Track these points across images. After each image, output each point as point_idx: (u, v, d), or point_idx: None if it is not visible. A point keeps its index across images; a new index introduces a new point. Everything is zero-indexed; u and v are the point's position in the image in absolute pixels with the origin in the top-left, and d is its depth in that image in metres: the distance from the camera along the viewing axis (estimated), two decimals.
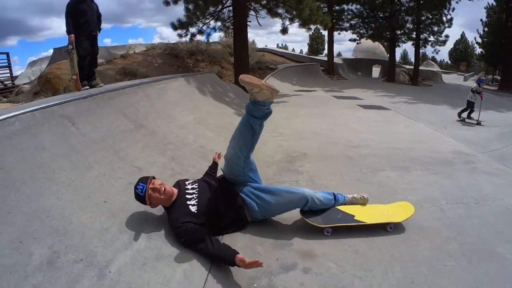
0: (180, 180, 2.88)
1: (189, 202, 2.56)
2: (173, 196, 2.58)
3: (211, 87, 8.36)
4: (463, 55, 58.25)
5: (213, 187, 2.78)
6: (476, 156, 4.82)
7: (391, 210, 2.84)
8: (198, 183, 2.79)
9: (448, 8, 23.67)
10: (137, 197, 2.51)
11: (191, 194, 2.63)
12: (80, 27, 5.80)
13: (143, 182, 2.50)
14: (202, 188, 2.72)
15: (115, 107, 4.14)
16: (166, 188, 2.52)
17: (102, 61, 12.35)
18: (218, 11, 12.84)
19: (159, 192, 2.47)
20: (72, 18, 5.71)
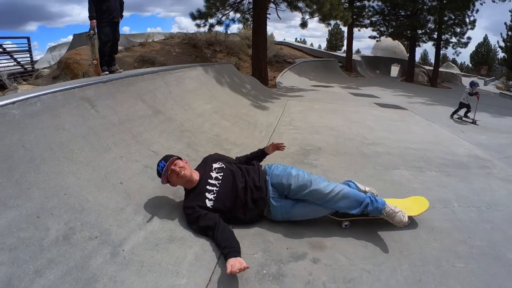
0: (209, 159, 2.85)
1: (208, 194, 2.50)
2: (193, 181, 2.54)
3: (228, 77, 8.40)
4: (484, 59, 56.82)
5: (239, 184, 2.57)
6: (492, 162, 4.74)
7: (406, 204, 2.86)
8: (224, 173, 2.64)
9: (472, 9, 22.95)
10: (158, 174, 2.57)
11: (212, 186, 2.54)
12: (102, 13, 5.84)
13: (165, 160, 2.52)
14: (226, 181, 2.58)
15: (134, 92, 4.22)
16: (185, 172, 2.48)
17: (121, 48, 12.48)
18: (238, 3, 12.84)
19: (177, 174, 2.46)
20: (95, 4, 5.76)
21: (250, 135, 5.20)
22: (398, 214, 2.47)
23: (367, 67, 27.65)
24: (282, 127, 6.03)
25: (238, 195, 2.53)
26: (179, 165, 2.51)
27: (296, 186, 2.45)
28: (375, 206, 2.47)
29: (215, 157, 2.91)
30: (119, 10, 6.28)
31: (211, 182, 2.56)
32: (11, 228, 1.81)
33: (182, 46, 14.69)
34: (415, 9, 22.91)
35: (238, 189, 2.54)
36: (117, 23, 6.24)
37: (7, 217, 1.85)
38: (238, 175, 2.64)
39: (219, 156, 2.98)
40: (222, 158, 2.91)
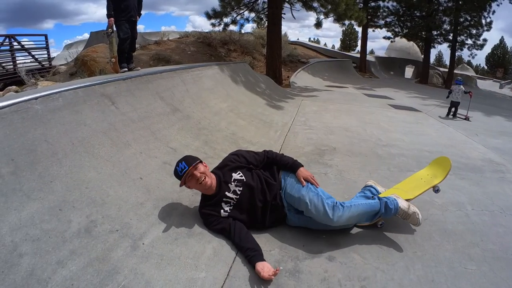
0: (228, 165, 2.63)
1: (224, 205, 2.47)
2: (211, 189, 2.44)
3: (243, 77, 8.45)
4: (500, 61, 55.91)
5: (257, 203, 2.51)
6: (506, 166, 4.69)
7: (429, 173, 2.89)
8: (243, 188, 2.51)
9: (488, 11, 22.67)
10: (175, 175, 2.43)
11: (229, 199, 2.48)
12: (121, 11, 5.88)
13: (187, 163, 2.38)
14: (244, 198, 2.50)
15: (152, 90, 4.30)
16: (205, 179, 2.37)
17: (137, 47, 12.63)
18: (252, 2, 12.88)
19: (197, 180, 2.36)
20: (114, 2, 5.80)
21: (265, 134, 5.23)
22: (412, 216, 2.49)
23: (381, 68, 27.44)
24: (297, 126, 6.06)
25: (256, 212, 2.50)
26: (200, 170, 2.39)
27: (308, 214, 2.40)
28: (388, 214, 2.50)
29: (236, 163, 2.65)
30: (137, 8, 6.31)
31: (229, 196, 2.48)
32: (34, 220, 1.87)
33: (197, 45, 14.80)
34: (431, 10, 22.66)
35: (257, 207, 2.50)
36: (135, 21, 6.27)
37: (30, 209, 1.91)
38: (257, 193, 2.52)
39: (240, 159, 2.69)
40: (242, 165, 2.65)
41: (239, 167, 2.64)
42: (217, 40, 15.71)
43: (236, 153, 2.79)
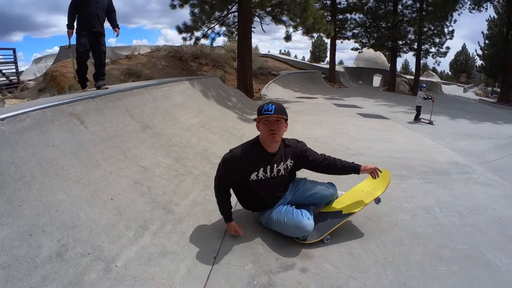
0: (297, 151, 2.81)
1: (260, 172, 2.60)
2: (271, 147, 2.60)
3: (214, 91, 8.45)
4: (463, 67, 58.87)
5: (279, 193, 2.78)
6: (472, 167, 4.89)
7: (370, 185, 2.98)
8: (282, 175, 2.72)
9: (450, 20, 23.99)
10: (258, 109, 2.55)
11: (269, 172, 2.64)
12: (80, 21, 5.37)
13: (276, 109, 2.46)
14: (274, 181, 2.69)
15: (122, 107, 4.23)
16: (277, 134, 2.52)
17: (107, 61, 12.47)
18: (223, 16, 12.98)
19: (270, 129, 2.49)
20: (74, 11, 5.30)
21: None
22: None
23: (350, 77, 28.15)
24: None
25: (261, 199, 2.74)
26: (279, 125, 2.51)
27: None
28: None
29: (301, 154, 2.81)
30: (102, 19, 5.66)
31: (274, 169, 2.64)
32: (4, 246, 1.82)
33: (168, 59, 14.75)
34: (396, 21, 23.62)
35: (268, 196, 2.72)
36: (98, 32, 5.60)
37: None
38: (282, 186, 2.80)
39: (305, 155, 2.82)
40: (300, 159, 2.82)
41: (298, 157, 2.82)
42: (189, 54, 15.72)
43: (307, 147, 2.90)
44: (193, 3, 12.14)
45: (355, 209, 2.73)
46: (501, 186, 4.16)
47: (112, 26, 5.97)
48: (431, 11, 22.96)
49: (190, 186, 3.42)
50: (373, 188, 2.91)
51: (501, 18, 28.45)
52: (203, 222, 2.83)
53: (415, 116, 9.63)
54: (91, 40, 5.51)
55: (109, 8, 5.79)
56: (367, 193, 2.88)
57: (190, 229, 2.67)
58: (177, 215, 2.82)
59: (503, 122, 11.66)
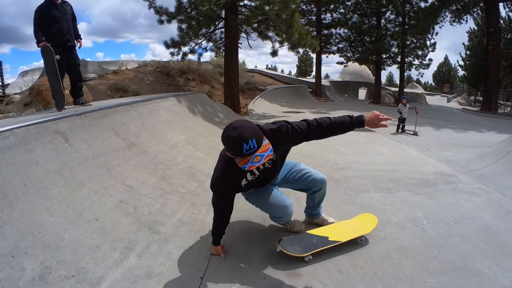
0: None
1: (248, 176, 2.48)
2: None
3: (201, 107, 8.44)
4: (446, 77, 60.40)
5: (268, 177, 2.67)
6: (458, 177, 4.94)
7: (357, 224, 2.99)
8: (270, 167, 2.54)
9: (432, 33, 24.87)
10: (235, 149, 2.04)
11: (255, 173, 2.49)
12: (53, 38, 5.11)
13: (257, 141, 2.02)
14: (263, 174, 2.54)
15: (107, 125, 4.19)
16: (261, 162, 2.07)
17: (94, 76, 12.43)
18: (210, 32, 13.11)
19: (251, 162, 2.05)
20: (42, 27, 5.02)
21: None
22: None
23: (336, 91, 28.55)
24: None
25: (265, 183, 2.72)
26: (263, 149, 2.07)
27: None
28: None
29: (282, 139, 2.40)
30: (72, 30, 5.46)
31: (256, 170, 2.47)
32: None
33: (155, 74, 14.75)
34: (379, 35, 24.21)
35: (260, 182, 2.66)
36: (73, 46, 5.48)
37: None
38: (272, 174, 2.69)
39: (287, 136, 2.39)
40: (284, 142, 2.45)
41: (280, 144, 2.42)
42: (176, 69, 15.76)
43: (286, 127, 2.39)
44: (180, 19, 12.26)
45: (341, 239, 2.73)
46: (486, 194, 4.20)
47: (75, 36, 5.64)
48: (413, 25, 23.68)
49: (176, 205, 3.37)
50: (360, 227, 2.93)
51: (480, 29, 29.93)
52: (189, 242, 2.78)
53: (398, 127, 9.82)
54: (66, 55, 5.34)
55: (73, 17, 5.57)
56: (354, 230, 2.88)
57: (176, 250, 2.62)
58: (163, 235, 2.77)
59: (486, 130, 11.94)
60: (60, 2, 5.29)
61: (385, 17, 25.23)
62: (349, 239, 2.75)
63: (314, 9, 25.57)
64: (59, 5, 5.24)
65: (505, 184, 4.47)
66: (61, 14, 5.23)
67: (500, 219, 3.43)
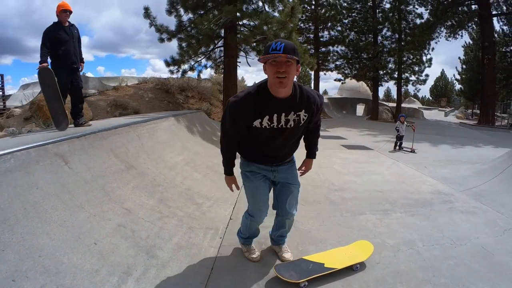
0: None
1: (266, 120, 2.27)
2: (279, 92, 2.19)
3: (200, 126, 8.49)
4: (443, 91, 61.18)
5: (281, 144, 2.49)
6: (454, 195, 4.96)
7: (353, 251, 3.01)
8: (291, 127, 2.36)
9: (428, 48, 25.32)
10: (265, 48, 2.14)
11: (276, 122, 2.29)
12: (59, 59, 5.26)
13: (285, 49, 2.04)
14: (281, 131, 2.36)
15: (107, 147, 4.22)
16: (286, 78, 2.10)
17: (95, 92, 12.51)
18: (210, 51, 13.31)
19: (277, 71, 2.09)
20: (50, 48, 5.16)
21: (221, 187, 4.90)
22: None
23: (334, 108, 28.78)
24: None
25: (274, 152, 2.56)
26: (289, 66, 2.10)
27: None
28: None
29: (313, 107, 2.39)
30: (78, 53, 5.61)
31: (281, 119, 2.29)
32: None
33: (155, 91, 14.86)
34: (376, 52, 24.56)
35: (276, 155, 2.59)
36: (77, 69, 5.59)
37: None
38: (287, 144, 2.54)
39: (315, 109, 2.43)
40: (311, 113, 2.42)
41: (313, 112, 2.40)
42: (175, 86, 15.88)
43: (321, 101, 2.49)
44: (180, 38, 12.47)
45: (337, 266, 2.75)
46: (483, 213, 4.23)
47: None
48: (409, 41, 24.13)
49: (173, 228, 3.38)
50: (356, 255, 2.95)
51: (476, 43, 30.56)
52: (187, 267, 2.78)
53: (395, 145, 9.93)
54: (70, 76, 5.46)
55: (79, 40, 5.71)
56: (349, 257, 2.90)
57: (174, 274, 2.63)
58: (161, 260, 2.78)
59: (483, 144, 12.03)
60: (68, 25, 5.46)
61: (381, 34, 25.69)
62: (344, 266, 2.77)
63: (312, 27, 26.06)
64: (67, 27, 5.42)
65: (502, 201, 4.50)
66: (68, 37, 5.39)
67: (497, 238, 3.46)
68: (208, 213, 3.95)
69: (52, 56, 5.20)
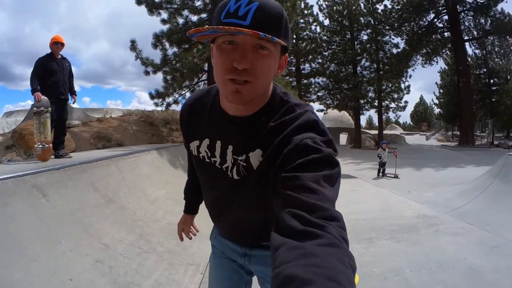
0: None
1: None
2: (235, 109, 1.04)
3: (183, 160, 8.32)
4: (423, 116, 63.26)
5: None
6: (439, 218, 4.98)
7: None
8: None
9: (406, 76, 26.62)
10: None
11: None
12: (48, 88, 5.29)
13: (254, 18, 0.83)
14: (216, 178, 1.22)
15: (86, 180, 4.12)
16: (252, 84, 0.89)
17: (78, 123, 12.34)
18: (193, 84, 13.47)
19: (243, 57, 0.87)
20: (39, 78, 5.24)
21: (204, 221, 4.81)
22: None
23: None
24: None
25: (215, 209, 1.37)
26: (266, 62, 0.90)
27: None
28: None
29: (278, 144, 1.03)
30: (68, 84, 5.73)
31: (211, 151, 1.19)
32: None
33: (139, 124, 14.76)
34: (356, 82, 25.35)
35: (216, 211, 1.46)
36: (65, 100, 5.67)
37: None
38: (226, 202, 1.40)
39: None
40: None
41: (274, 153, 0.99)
42: (160, 119, 15.82)
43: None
44: (165, 71, 12.65)
45: None
46: (469, 233, 4.25)
47: (70, 92, 5.94)
48: (387, 70, 25.34)
49: (153, 264, 3.26)
50: None
51: (451, 68, 32.05)
52: None
53: (378, 171, 10.09)
54: (57, 107, 5.49)
55: (70, 73, 5.87)
56: None
57: None
58: None
59: (465, 164, 12.30)
60: (60, 58, 5.67)
61: (360, 64, 26.86)
62: None
63: (293, 60, 26.78)
64: (58, 59, 5.63)
65: (486, 220, 4.55)
66: (59, 68, 5.57)
67: (484, 257, 3.47)
68: (190, 248, 3.82)
69: (41, 85, 5.25)
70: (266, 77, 0.94)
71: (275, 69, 0.97)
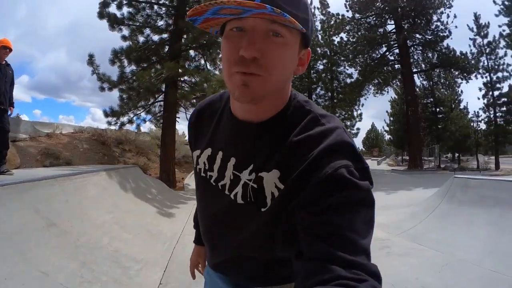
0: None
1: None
2: None
3: (133, 182, 8.09)
4: (374, 142, 66.65)
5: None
6: (391, 239, 5.05)
7: None
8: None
9: (358, 104, 28.88)
10: None
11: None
12: None
13: None
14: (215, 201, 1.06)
15: (27, 200, 3.83)
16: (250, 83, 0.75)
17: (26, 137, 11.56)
18: (149, 105, 13.34)
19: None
20: None
21: (152, 249, 4.67)
22: None
23: None
24: (187, 236, 5.42)
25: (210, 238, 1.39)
26: (282, 52, 0.73)
27: None
28: None
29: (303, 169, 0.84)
30: (8, 94, 5.29)
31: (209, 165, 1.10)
32: None
33: (91, 142, 14.15)
34: None
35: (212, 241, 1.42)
36: (5, 110, 5.25)
37: None
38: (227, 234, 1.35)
39: None
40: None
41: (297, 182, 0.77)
42: (112, 138, 15.30)
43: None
44: (122, 89, 12.44)
45: None
46: (420, 253, 4.34)
47: (8, 102, 5.44)
48: (341, 99, 27.34)
49: None
50: None
51: (400, 97, 34.74)
52: None
53: None
54: None
55: (12, 81, 5.46)
56: None
57: None
58: None
59: (414, 187, 12.89)
60: (4, 64, 5.25)
61: (316, 92, 28.53)
62: None
63: None
64: (2, 65, 5.20)
65: (437, 239, 4.69)
66: (1, 75, 5.15)
67: (436, 275, 3.54)
68: (136, 277, 3.61)
69: None
70: (281, 71, 0.75)
71: (293, 63, 0.79)
